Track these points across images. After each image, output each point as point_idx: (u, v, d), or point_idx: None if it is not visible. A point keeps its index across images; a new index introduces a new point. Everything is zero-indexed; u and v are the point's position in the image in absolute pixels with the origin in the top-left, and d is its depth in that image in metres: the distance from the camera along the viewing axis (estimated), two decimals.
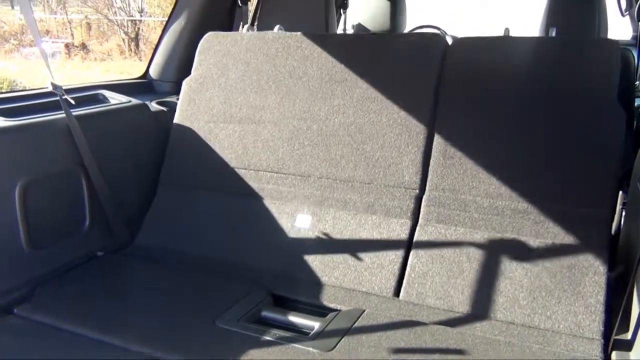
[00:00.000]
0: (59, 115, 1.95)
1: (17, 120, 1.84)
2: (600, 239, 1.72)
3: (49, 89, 1.94)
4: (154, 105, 2.39)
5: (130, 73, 9.09)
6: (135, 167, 2.25)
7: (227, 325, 1.61)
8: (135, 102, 2.29)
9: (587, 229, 1.73)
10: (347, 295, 1.81)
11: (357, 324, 1.63)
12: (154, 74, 2.70)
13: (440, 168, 1.90)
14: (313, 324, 1.65)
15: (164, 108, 2.39)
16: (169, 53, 2.66)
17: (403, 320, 1.66)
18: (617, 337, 1.54)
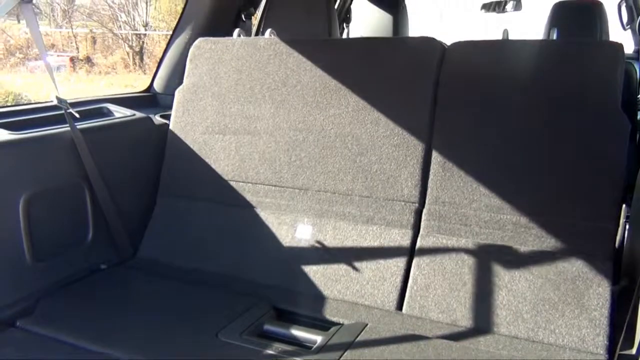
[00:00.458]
0: (64, 129, 1.97)
1: (22, 134, 1.86)
2: (604, 252, 1.70)
3: (54, 103, 1.95)
4: (158, 119, 2.40)
5: (134, 86, 9.16)
6: (139, 180, 2.26)
7: (230, 339, 1.61)
8: (139, 115, 2.30)
9: (590, 242, 1.71)
10: (349, 309, 1.80)
11: (359, 338, 1.62)
12: (158, 88, 2.72)
13: (440, 181, 1.88)
14: (315, 338, 1.64)
15: (168, 121, 2.40)
16: (173, 67, 2.67)
17: (406, 335, 1.65)
18: (622, 352, 1.52)
